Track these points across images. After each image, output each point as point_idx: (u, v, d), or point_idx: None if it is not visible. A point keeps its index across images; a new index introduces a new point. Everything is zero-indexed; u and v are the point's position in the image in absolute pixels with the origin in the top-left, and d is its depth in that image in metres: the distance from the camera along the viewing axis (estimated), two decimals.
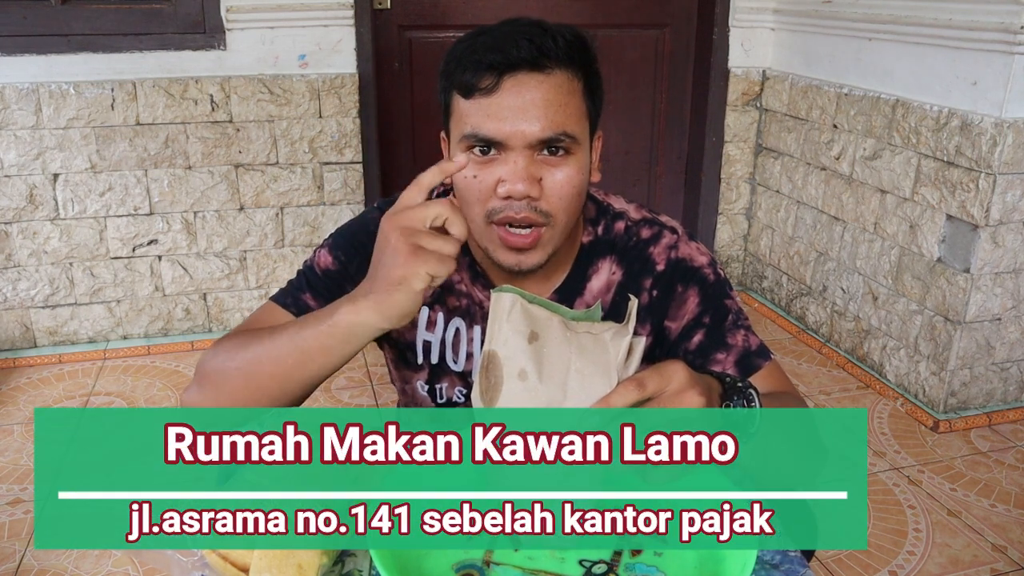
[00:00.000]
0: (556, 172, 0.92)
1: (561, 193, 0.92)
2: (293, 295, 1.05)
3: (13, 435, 2.33)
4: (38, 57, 2.55)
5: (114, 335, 2.87)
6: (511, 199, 0.91)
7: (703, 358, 1.03)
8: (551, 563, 0.79)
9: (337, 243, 1.07)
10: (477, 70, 0.89)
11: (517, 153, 0.90)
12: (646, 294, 1.06)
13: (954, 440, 2.37)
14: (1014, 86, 2.14)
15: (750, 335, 1.05)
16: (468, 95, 0.91)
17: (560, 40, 0.90)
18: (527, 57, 0.88)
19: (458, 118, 0.93)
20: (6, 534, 1.92)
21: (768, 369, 1.03)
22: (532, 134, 0.89)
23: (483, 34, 0.92)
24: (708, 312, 1.04)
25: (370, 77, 2.81)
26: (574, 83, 0.92)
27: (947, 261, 2.37)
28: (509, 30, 0.90)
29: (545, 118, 0.89)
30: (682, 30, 3.20)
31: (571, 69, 0.91)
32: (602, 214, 1.08)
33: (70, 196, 2.68)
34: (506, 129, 0.89)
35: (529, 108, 0.89)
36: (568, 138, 0.91)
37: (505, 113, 0.89)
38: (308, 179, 2.85)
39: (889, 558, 1.89)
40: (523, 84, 0.89)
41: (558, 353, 0.73)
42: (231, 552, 0.74)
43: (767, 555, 0.82)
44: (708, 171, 3.27)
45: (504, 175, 0.91)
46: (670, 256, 1.05)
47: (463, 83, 0.91)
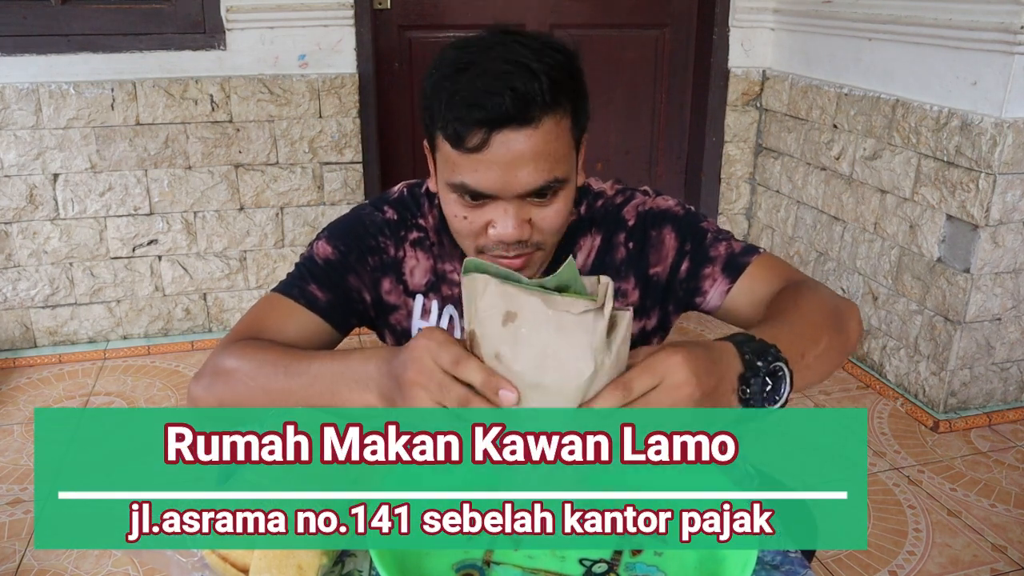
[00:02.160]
0: (546, 210, 0.93)
1: (552, 226, 0.95)
2: (299, 286, 1.04)
3: (13, 435, 2.33)
4: (38, 57, 2.55)
5: (114, 335, 2.87)
6: (503, 242, 0.93)
7: (695, 279, 1.05)
8: (551, 562, 0.79)
9: (334, 234, 1.08)
10: (463, 125, 0.87)
11: (507, 201, 0.91)
12: (623, 248, 1.08)
13: (954, 440, 2.37)
14: (1014, 86, 2.14)
15: (733, 242, 1.06)
16: (455, 147, 0.89)
17: (545, 81, 0.86)
18: (513, 113, 0.86)
19: (445, 160, 0.92)
20: (6, 534, 1.92)
21: (758, 263, 1.03)
22: (522, 187, 0.90)
23: (465, 70, 0.88)
24: (687, 239, 1.06)
25: (370, 77, 2.81)
26: (562, 123, 0.90)
27: (947, 261, 2.37)
28: (492, 72, 0.86)
29: (535, 171, 0.89)
30: (682, 30, 3.20)
31: (558, 110, 0.89)
32: (583, 195, 1.10)
33: (70, 196, 2.68)
34: (496, 185, 0.89)
35: (518, 163, 0.88)
36: (557, 183, 0.91)
37: (494, 169, 0.88)
38: (308, 179, 2.85)
39: (889, 558, 1.89)
40: (511, 140, 0.87)
41: (535, 334, 0.71)
42: (231, 552, 0.74)
43: (767, 555, 0.82)
44: (708, 171, 3.27)
45: (495, 220, 0.92)
46: (639, 211, 1.08)
47: (449, 133, 0.89)
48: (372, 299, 1.08)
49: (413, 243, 1.08)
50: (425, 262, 1.09)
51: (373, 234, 1.07)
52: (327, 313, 1.03)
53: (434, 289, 1.09)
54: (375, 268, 1.07)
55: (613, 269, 1.08)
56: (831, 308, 0.94)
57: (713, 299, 1.05)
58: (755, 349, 0.78)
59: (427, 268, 1.09)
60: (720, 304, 1.05)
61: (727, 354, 0.77)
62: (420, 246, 1.08)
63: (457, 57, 0.89)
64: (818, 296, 0.96)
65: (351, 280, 1.06)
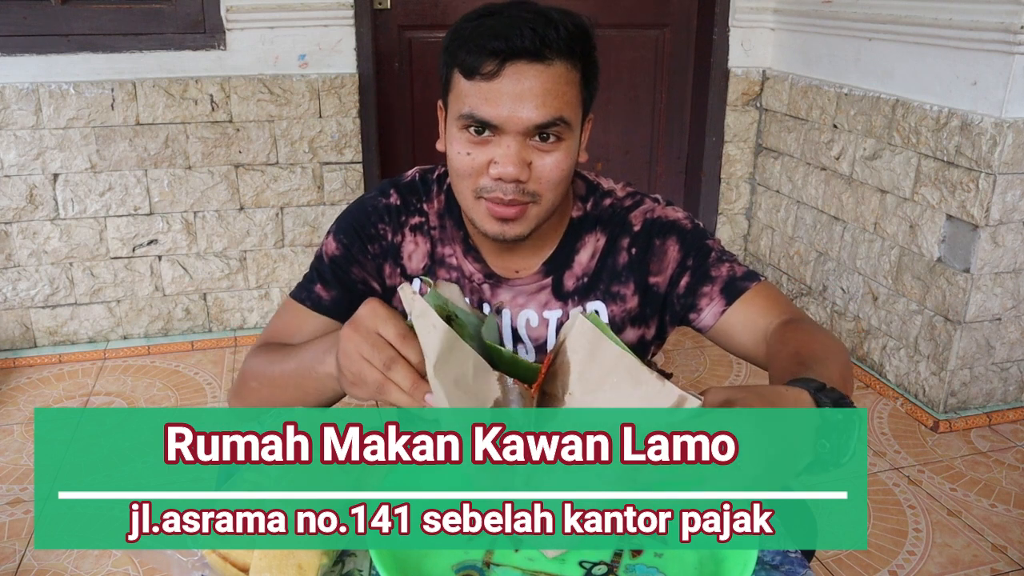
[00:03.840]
0: (546, 157, 0.95)
1: (550, 176, 0.96)
2: (307, 288, 1.10)
3: (13, 435, 2.33)
4: (38, 57, 2.55)
5: (114, 335, 2.87)
6: (501, 180, 0.95)
7: (691, 295, 1.06)
8: (551, 564, 0.79)
9: (340, 228, 1.12)
10: (480, 54, 0.92)
11: (511, 137, 0.93)
12: (625, 253, 1.09)
13: (954, 440, 2.37)
14: (1014, 86, 2.14)
15: (735, 265, 1.06)
16: (469, 76, 0.93)
17: (562, 30, 0.92)
18: (529, 47, 0.91)
19: (457, 95, 0.96)
20: (6, 534, 1.92)
21: (756, 291, 1.04)
22: (528, 120, 0.92)
23: (489, 15, 0.94)
24: (690, 255, 1.07)
25: (370, 77, 2.81)
26: (572, 73, 0.95)
27: (947, 261, 2.37)
28: (515, 15, 0.92)
29: (542, 106, 0.92)
30: (682, 30, 3.20)
31: (571, 60, 0.94)
32: (591, 191, 1.11)
33: (70, 196, 2.68)
34: (503, 114, 0.92)
35: (527, 96, 0.92)
36: (562, 123, 0.94)
37: (503, 99, 0.92)
38: (308, 179, 2.85)
39: (889, 558, 1.89)
40: (523, 72, 0.91)
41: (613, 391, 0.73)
42: (231, 552, 0.74)
43: (767, 555, 0.82)
44: (708, 171, 3.27)
45: (497, 157, 0.94)
46: (646, 217, 1.09)
47: (465, 64, 0.93)
48: (380, 287, 1.11)
49: (412, 228, 1.10)
50: (424, 246, 1.10)
51: (373, 222, 1.10)
52: (332, 311, 1.08)
53: (431, 273, 1.11)
54: (376, 256, 1.10)
55: (615, 272, 1.09)
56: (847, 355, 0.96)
57: (707, 318, 1.06)
58: (834, 400, 0.75)
59: (425, 252, 1.10)
60: (713, 324, 1.05)
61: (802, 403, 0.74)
62: (419, 231, 1.10)
63: (483, 8, 0.96)
64: (835, 341, 0.97)
65: (355, 272, 1.09)
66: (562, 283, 1.09)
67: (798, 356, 0.90)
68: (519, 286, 1.09)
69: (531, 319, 1.10)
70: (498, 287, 1.09)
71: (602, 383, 0.70)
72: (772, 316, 1.02)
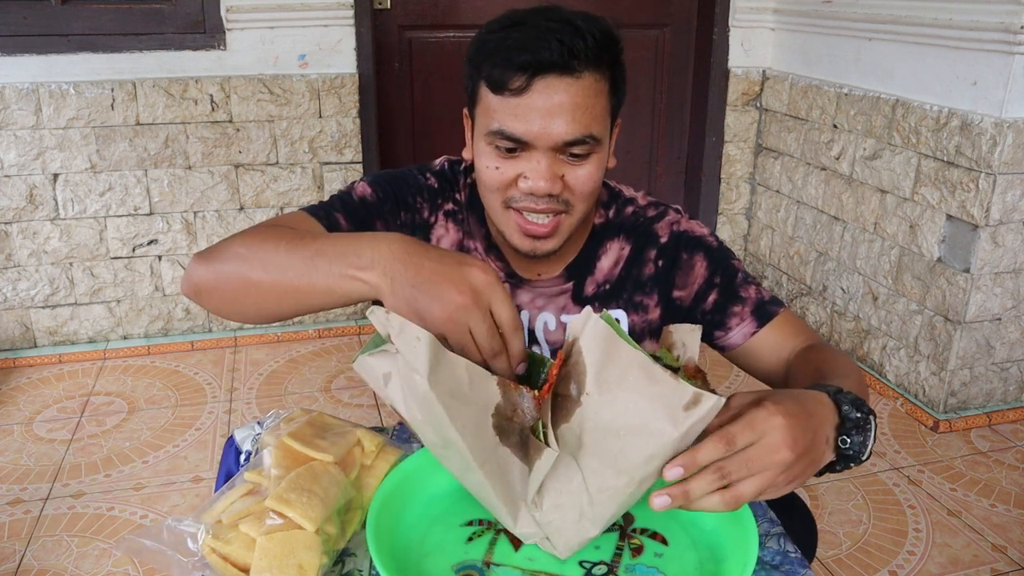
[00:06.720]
0: (578, 169, 0.95)
1: (582, 188, 0.96)
2: (326, 210, 1.03)
3: (13, 435, 2.33)
4: (38, 57, 2.55)
5: (114, 335, 2.87)
6: (533, 194, 0.94)
7: (720, 313, 1.06)
8: (551, 564, 0.79)
9: (377, 181, 1.09)
10: (507, 68, 0.90)
11: (541, 153, 0.92)
12: (652, 264, 1.09)
13: (954, 440, 2.37)
14: (1014, 86, 2.14)
15: (761, 289, 1.08)
16: (497, 91, 0.92)
17: (590, 40, 0.90)
18: (558, 60, 0.89)
19: (484, 109, 0.94)
20: (6, 534, 1.92)
21: (784, 317, 1.06)
22: (558, 136, 0.91)
23: (515, 26, 0.92)
24: (717, 272, 1.07)
25: (370, 77, 2.81)
26: (601, 84, 0.93)
27: (947, 261, 2.37)
28: (540, 26, 0.90)
29: (572, 121, 0.91)
30: (682, 30, 3.20)
31: (599, 70, 0.92)
32: (613, 199, 1.12)
33: (70, 196, 2.68)
34: (533, 130, 0.91)
35: (556, 111, 0.90)
36: (592, 140, 0.93)
37: (533, 115, 0.90)
38: (308, 179, 2.85)
39: (889, 558, 1.89)
40: (552, 87, 0.90)
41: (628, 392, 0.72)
42: (231, 552, 0.74)
43: (767, 555, 0.82)
44: (708, 171, 3.27)
45: (527, 172, 0.93)
46: (673, 229, 1.09)
47: (492, 78, 0.91)
48: None
49: (447, 213, 1.09)
50: (454, 234, 1.09)
51: (413, 193, 1.08)
52: None
53: None
54: (404, 224, 1.08)
55: (640, 283, 1.09)
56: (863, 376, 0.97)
57: (735, 338, 1.06)
58: (851, 400, 0.78)
59: (454, 240, 1.09)
60: (740, 344, 1.06)
61: (822, 406, 0.77)
62: (452, 218, 1.09)
63: (507, 17, 0.93)
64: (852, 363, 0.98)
65: (378, 225, 1.06)
66: (583, 288, 1.09)
67: (818, 372, 0.92)
68: (540, 288, 1.09)
69: (549, 322, 1.09)
70: (519, 288, 1.09)
71: (620, 382, 0.70)
72: (797, 341, 1.04)
